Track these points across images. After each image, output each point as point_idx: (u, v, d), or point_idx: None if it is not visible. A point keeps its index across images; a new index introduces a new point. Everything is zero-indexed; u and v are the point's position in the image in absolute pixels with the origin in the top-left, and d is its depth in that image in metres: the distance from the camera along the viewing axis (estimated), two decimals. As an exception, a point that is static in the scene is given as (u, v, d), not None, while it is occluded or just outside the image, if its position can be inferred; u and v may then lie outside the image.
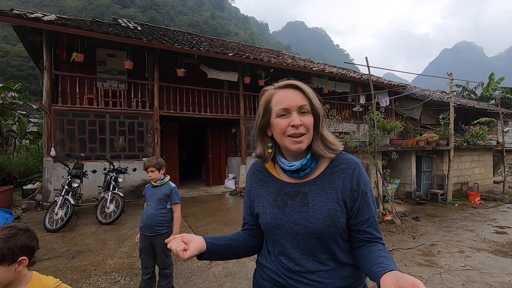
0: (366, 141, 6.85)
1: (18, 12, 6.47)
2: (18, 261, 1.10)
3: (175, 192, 2.76)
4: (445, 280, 3.45)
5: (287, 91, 0.96)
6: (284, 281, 0.98)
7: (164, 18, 68.89)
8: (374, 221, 0.98)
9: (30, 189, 7.40)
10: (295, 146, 0.94)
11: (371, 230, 0.96)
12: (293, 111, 0.94)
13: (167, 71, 8.73)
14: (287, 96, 0.95)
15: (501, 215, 7.06)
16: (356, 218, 0.97)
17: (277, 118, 0.96)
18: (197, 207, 6.79)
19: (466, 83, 20.83)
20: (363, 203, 0.97)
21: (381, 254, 0.89)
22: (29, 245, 1.18)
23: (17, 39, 10.21)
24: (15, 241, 1.11)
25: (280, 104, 0.95)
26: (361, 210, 0.97)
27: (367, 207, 0.97)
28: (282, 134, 0.95)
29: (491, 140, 10.50)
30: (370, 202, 0.99)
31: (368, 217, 0.97)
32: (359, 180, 0.97)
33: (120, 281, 3.25)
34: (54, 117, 6.82)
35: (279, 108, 0.95)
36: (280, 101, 0.95)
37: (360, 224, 0.97)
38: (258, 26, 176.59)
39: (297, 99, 0.94)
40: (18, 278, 1.14)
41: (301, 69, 10.24)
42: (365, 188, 0.98)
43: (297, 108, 0.94)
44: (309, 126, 0.94)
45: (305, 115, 0.94)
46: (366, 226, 0.96)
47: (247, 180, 1.17)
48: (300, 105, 0.94)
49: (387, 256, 0.90)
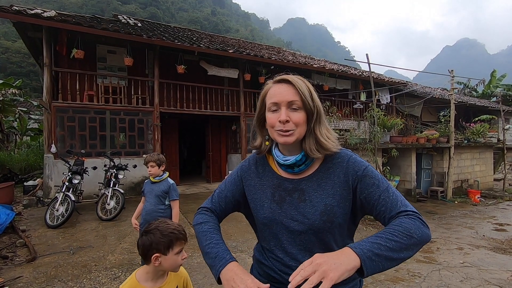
0: (366, 138, 6.85)
1: (18, 8, 6.45)
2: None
3: (173, 189, 2.77)
4: (443, 277, 3.47)
5: (280, 86, 0.95)
6: (280, 277, 0.98)
7: (165, 14, 68.60)
8: (387, 196, 0.90)
9: (31, 186, 7.42)
10: (282, 139, 0.94)
11: (387, 206, 0.88)
12: (282, 106, 0.93)
13: (167, 67, 8.71)
14: (278, 91, 0.94)
15: (501, 213, 7.07)
16: (368, 205, 0.92)
17: (269, 112, 0.96)
18: (197, 203, 6.81)
19: (467, 80, 20.77)
20: (366, 186, 0.92)
21: (384, 231, 0.82)
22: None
23: (17, 35, 10.19)
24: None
25: (271, 99, 0.95)
26: (367, 194, 0.92)
27: (372, 187, 0.92)
28: (272, 128, 0.96)
29: (491, 138, 10.49)
30: (375, 182, 0.92)
31: (378, 197, 0.90)
32: (353, 168, 0.96)
33: (121, 277, 3.28)
34: (55, 114, 6.82)
35: (270, 102, 0.95)
36: (272, 95, 0.95)
37: (375, 207, 0.91)
38: (259, 23, 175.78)
39: (288, 95, 0.92)
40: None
41: (302, 66, 10.20)
42: (363, 172, 0.94)
43: (286, 104, 0.92)
44: (298, 123, 0.92)
45: (296, 112, 0.93)
46: (381, 206, 0.89)
47: (246, 164, 1.13)
48: (289, 100, 0.92)
49: (386, 230, 0.81)
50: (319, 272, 0.71)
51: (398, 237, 0.79)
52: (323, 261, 0.73)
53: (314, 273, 0.72)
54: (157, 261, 1.21)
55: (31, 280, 3.15)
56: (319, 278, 0.71)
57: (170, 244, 1.22)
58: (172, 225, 1.28)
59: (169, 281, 1.30)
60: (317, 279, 0.70)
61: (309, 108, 0.94)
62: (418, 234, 0.81)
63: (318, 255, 0.76)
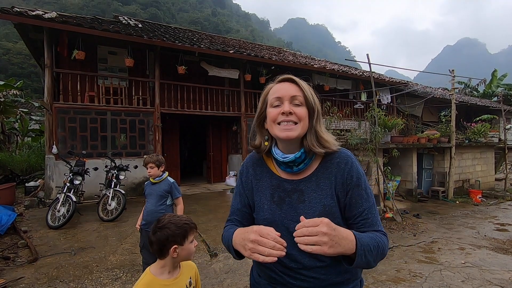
0: (367, 139, 6.84)
1: (19, 9, 6.47)
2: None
3: (175, 187, 2.82)
4: (445, 277, 3.46)
5: (283, 84, 1.00)
6: (281, 278, 0.98)
7: (165, 15, 68.70)
8: (370, 213, 0.96)
9: (32, 186, 7.44)
10: (284, 134, 0.95)
11: (367, 222, 0.95)
12: (285, 100, 0.96)
13: (168, 68, 8.72)
14: (282, 87, 0.99)
15: (502, 213, 7.05)
16: (350, 211, 0.96)
17: (271, 108, 0.99)
18: (198, 204, 6.81)
19: (468, 80, 20.72)
20: (355, 196, 0.96)
21: (371, 237, 0.90)
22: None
23: (18, 37, 10.21)
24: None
25: (274, 94, 0.99)
26: (354, 203, 0.96)
27: (361, 199, 0.96)
28: (273, 122, 0.97)
29: (493, 138, 10.47)
30: (364, 195, 0.97)
31: (362, 210, 0.95)
32: (350, 174, 0.97)
33: (122, 277, 3.28)
34: (56, 115, 6.83)
35: (273, 97, 0.98)
36: (275, 91, 0.99)
37: (355, 217, 0.96)
38: (259, 23, 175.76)
39: (291, 90, 0.97)
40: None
41: (302, 66, 10.20)
42: (357, 181, 0.97)
43: (289, 98, 0.96)
44: (301, 117, 0.95)
45: (298, 107, 0.96)
46: (361, 218, 0.95)
47: (243, 170, 1.15)
48: (292, 95, 0.96)
49: (373, 236, 0.90)
50: (318, 238, 0.76)
51: (379, 248, 0.90)
52: (328, 233, 0.77)
53: (314, 235, 0.76)
54: (175, 253, 1.29)
55: (32, 281, 3.16)
56: (315, 243, 0.76)
57: (185, 234, 1.31)
58: (183, 217, 1.38)
59: (183, 272, 1.37)
60: (313, 242, 0.76)
61: (311, 105, 0.97)
62: (386, 253, 0.94)
63: (327, 222, 0.79)
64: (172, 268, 1.33)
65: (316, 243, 0.76)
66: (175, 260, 1.32)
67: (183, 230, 1.30)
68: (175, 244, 1.28)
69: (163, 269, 1.32)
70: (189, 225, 1.34)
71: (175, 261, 1.32)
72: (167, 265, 1.32)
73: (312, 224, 0.77)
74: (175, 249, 1.28)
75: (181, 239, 1.29)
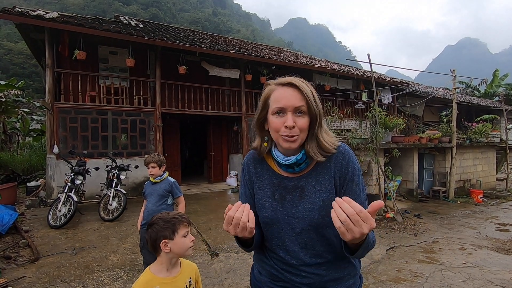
0: (368, 138, 6.84)
1: (21, 10, 6.49)
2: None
3: (176, 186, 2.82)
4: (446, 277, 3.46)
5: (286, 90, 0.94)
6: (282, 275, 0.99)
7: (166, 15, 68.72)
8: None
9: (33, 186, 7.46)
10: (286, 145, 0.94)
11: None
12: (288, 111, 0.92)
13: (169, 68, 8.73)
14: (284, 95, 0.93)
15: (503, 213, 7.04)
16: None
17: (273, 115, 0.95)
18: (199, 204, 6.82)
19: (469, 80, 20.66)
20: (348, 191, 0.96)
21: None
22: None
23: (19, 37, 10.22)
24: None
25: (277, 103, 0.94)
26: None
27: (353, 195, 0.95)
28: (276, 132, 0.95)
29: (494, 137, 10.43)
30: (357, 190, 0.97)
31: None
32: (347, 168, 0.98)
33: (123, 277, 3.29)
34: (57, 115, 6.85)
35: (276, 106, 0.94)
36: (278, 99, 0.94)
37: None
38: (260, 23, 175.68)
39: (294, 100, 0.92)
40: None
41: (303, 66, 10.19)
42: (352, 177, 0.97)
43: (293, 109, 0.92)
44: (303, 128, 0.93)
45: (301, 116, 0.93)
46: None
47: (245, 168, 1.14)
48: (296, 106, 0.92)
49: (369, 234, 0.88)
50: (353, 227, 0.73)
51: (373, 243, 0.91)
52: (364, 233, 0.75)
53: (354, 225, 0.73)
54: (166, 247, 1.29)
55: (34, 280, 3.17)
56: (347, 227, 0.74)
57: (174, 228, 1.31)
58: (173, 212, 1.39)
59: (183, 272, 1.37)
60: (347, 226, 0.74)
61: (313, 113, 0.94)
62: (373, 247, 0.95)
63: (371, 225, 0.75)
64: (170, 265, 1.33)
65: (348, 229, 0.73)
66: (170, 256, 1.32)
67: (171, 224, 1.31)
68: (164, 238, 1.29)
69: (161, 267, 1.32)
70: (178, 219, 1.34)
71: (171, 257, 1.32)
72: (164, 262, 1.32)
73: (363, 217, 0.74)
74: (166, 244, 1.29)
75: (170, 233, 1.30)
